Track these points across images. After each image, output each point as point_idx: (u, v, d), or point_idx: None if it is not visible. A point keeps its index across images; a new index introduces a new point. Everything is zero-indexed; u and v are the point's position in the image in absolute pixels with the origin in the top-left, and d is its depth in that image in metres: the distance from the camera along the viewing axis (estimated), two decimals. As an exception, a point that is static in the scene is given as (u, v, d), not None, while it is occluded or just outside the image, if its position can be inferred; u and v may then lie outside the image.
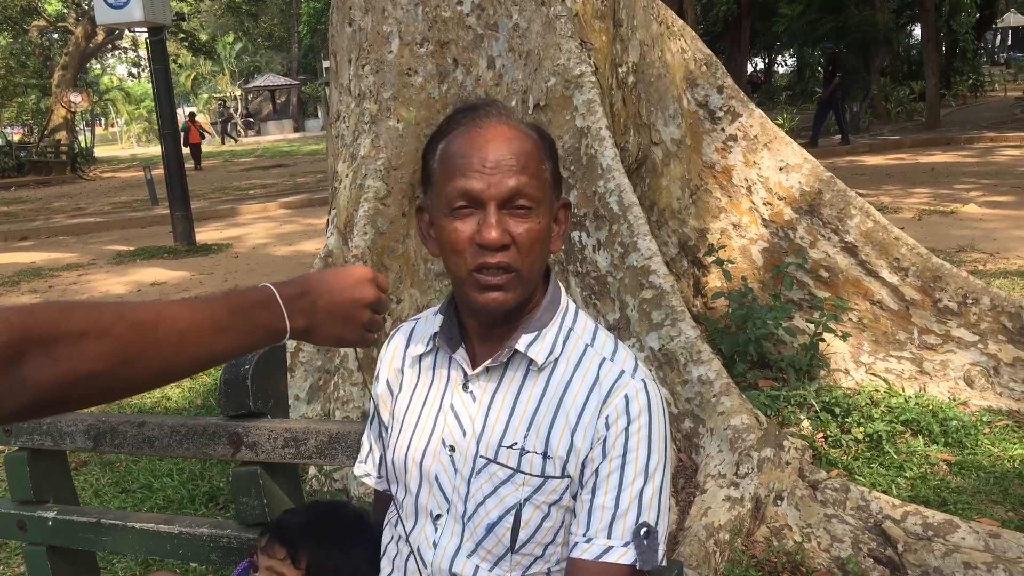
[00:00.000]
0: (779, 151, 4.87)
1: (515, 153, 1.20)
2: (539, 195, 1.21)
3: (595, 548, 1.22)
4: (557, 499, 1.25)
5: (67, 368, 0.92)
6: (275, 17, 44.16)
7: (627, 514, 1.23)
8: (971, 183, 12.04)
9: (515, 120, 1.25)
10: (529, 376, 1.28)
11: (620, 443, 1.24)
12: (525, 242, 1.20)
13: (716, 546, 2.91)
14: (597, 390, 1.26)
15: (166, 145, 11.26)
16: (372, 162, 4.16)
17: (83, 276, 10.06)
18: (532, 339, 1.28)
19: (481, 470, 1.27)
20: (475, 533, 1.27)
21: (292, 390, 4.16)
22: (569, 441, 1.24)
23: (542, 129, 1.29)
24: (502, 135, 1.21)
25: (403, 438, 1.36)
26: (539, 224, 1.22)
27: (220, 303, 1.09)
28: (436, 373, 1.36)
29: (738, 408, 3.41)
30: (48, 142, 27.49)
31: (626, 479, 1.23)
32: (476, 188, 1.18)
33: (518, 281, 1.22)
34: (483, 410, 1.29)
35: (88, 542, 2.06)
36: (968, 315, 4.43)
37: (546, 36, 4.08)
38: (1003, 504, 3.36)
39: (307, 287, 1.19)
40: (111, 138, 55.28)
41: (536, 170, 1.22)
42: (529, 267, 1.22)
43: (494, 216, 1.18)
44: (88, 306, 0.97)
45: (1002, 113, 21.47)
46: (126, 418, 1.97)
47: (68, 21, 29.99)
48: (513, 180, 1.18)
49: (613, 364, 1.28)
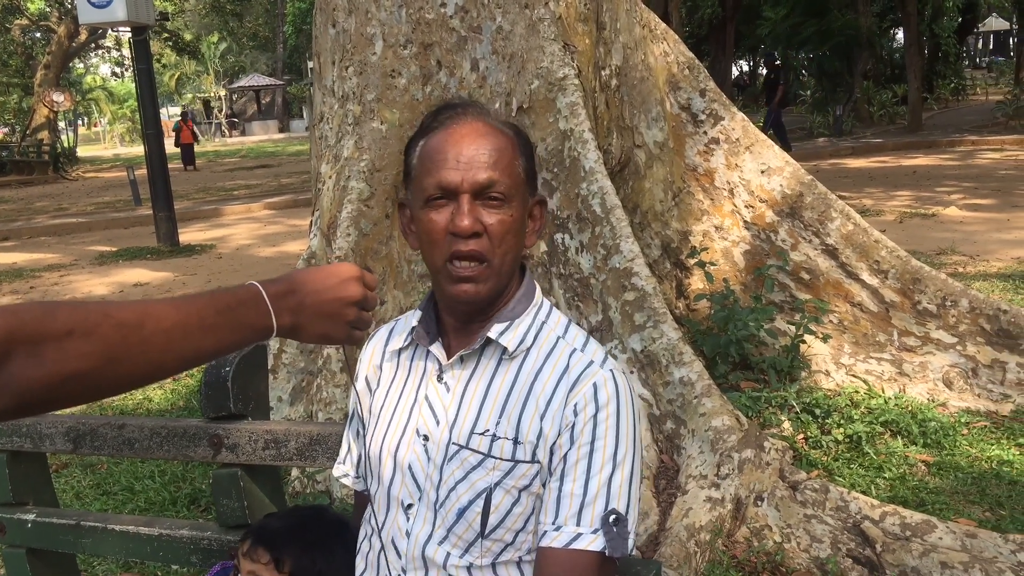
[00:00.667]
0: (761, 154, 4.90)
1: (488, 148, 1.26)
2: (511, 188, 1.27)
3: (564, 536, 1.24)
4: (527, 484, 1.27)
5: (53, 368, 0.92)
6: (260, 17, 43.97)
7: (596, 501, 1.24)
8: (952, 186, 12.14)
9: (491, 118, 1.31)
10: (502, 364, 1.32)
11: (588, 430, 1.26)
12: (497, 232, 1.25)
13: (697, 546, 2.93)
14: (566, 378, 1.28)
15: (149, 145, 11.21)
16: (355, 164, 4.16)
17: (65, 277, 10.00)
18: (504, 328, 1.31)
19: (453, 456, 1.29)
20: (446, 519, 1.29)
21: (275, 392, 4.16)
22: (539, 427, 1.27)
23: (518, 127, 1.34)
24: (477, 131, 1.27)
25: (379, 431, 1.39)
26: (511, 216, 1.26)
27: (206, 301, 1.09)
28: (413, 366, 1.40)
29: (719, 409, 3.43)
30: (30, 142, 27.27)
31: (594, 466, 1.25)
32: (451, 180, 1.24)
33: (490, 271, 1.26)
34: (456, 399, 1.32)
35: (68, 544, 2.06)
36: (947, 317, 4.47)
37: (529, 39, 4.09)
38: (980, 504, 3.39)
39: (293, 285, 1.19)
40: (94, 138, 54.84)
41: (508, 164, 1.27)
42: (501, 257, 1.27)
43: (467, 205, 1.24)
44: (74, 306, 0.97)
45: (983, 117, 21.65)
46: (106, 420, 1.97)
47: (51, 20, 29.77)
48: (485, 173, 1.24)
49: (583, 354, 1.31)
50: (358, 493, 1.54)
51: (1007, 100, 20.50)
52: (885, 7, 24.87)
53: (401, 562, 1.33)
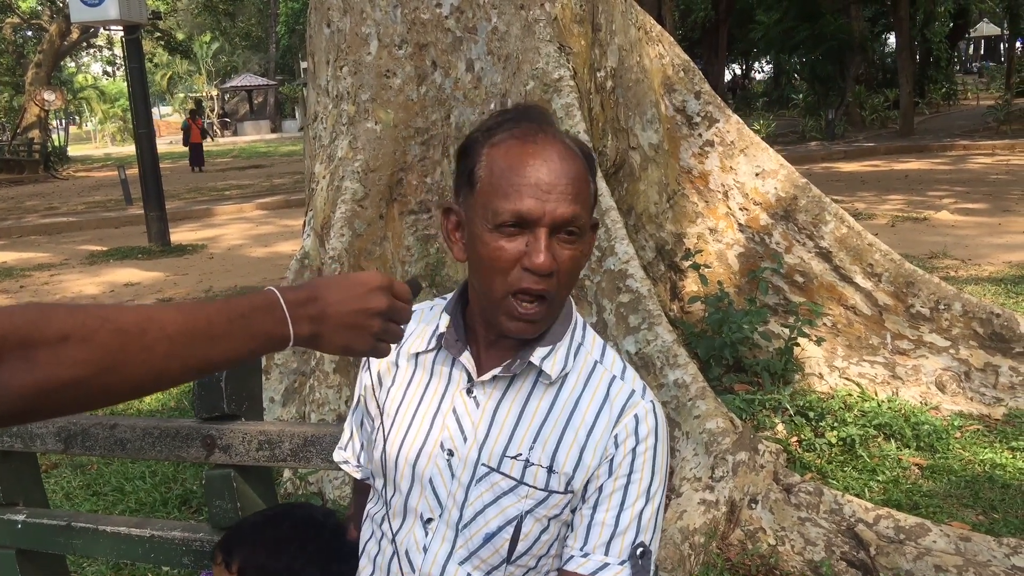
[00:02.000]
0: (755, 157, 4.90)
1: (570, 178, 1.16)
2: (587, 221, 1.20)
3: (591, 564, 1.23)
4: (558, 513, 1.25)
5: (47, 374, 0.87)
6: (253, 17, 43.92)
7: (626, 533, 1.23)
8: (944, 190, 12.19)
9: (562, 136, 1.21)
10: (537, 388, 1.27)
11: (627, 463, 1.24)
12: (567, 269, 1.18)
13: (691, 549, 2.92)
14: (608, 408, 1.25)
15: (141, 144, 11.16)
16: (350, 164, 4.15)
17: (55, 276, 9.94)
18: (547, 353, 1.26)
19: (482, 478, 1.25)
20: (470, 541, 1.26)
21: (267, 392, 4.14)
22: (578, 457, 1.24)
23: (586, 147, 1.26)
24: (556, 154, 1.17)
25: (395, 436, 1.33)
26: (582, 251, 1.20)
27: (218, 307, 1.02)
28: (436, 373, 1.33)
29: (713, 412, 3.42)
30: (21, 140, 27.14)
31: (628, 499, 1.24)
32: (531, 212, 1.14)
33: (550, 311, 1.21)
34: (487, 417, 1.27)
35: (58, 545, 2.03)
36: (940, 321, 4.48)
37: (525, 40, 4.08)
38: (974, 507, 3.40)
39: (315, 292, 1.11)
40: (85, 137, 54.70)
41: (587, 195, 1.19)
42: (564, 294, 1.22)
43: (544, 241, 1.15)
44: (71, 309, 0.91)
45: (975, 121, 21.77)
46: (98, 420, 1.95)
47: (42, 18, 29.66)
48: (568, 208, 1.15)
49: (624, 383, 1.28)
50: (357, 481, 1.51)
51: (998, 105, 20.64)
52: (877, 12, 25.01)
53: (414, 575, 1.29)
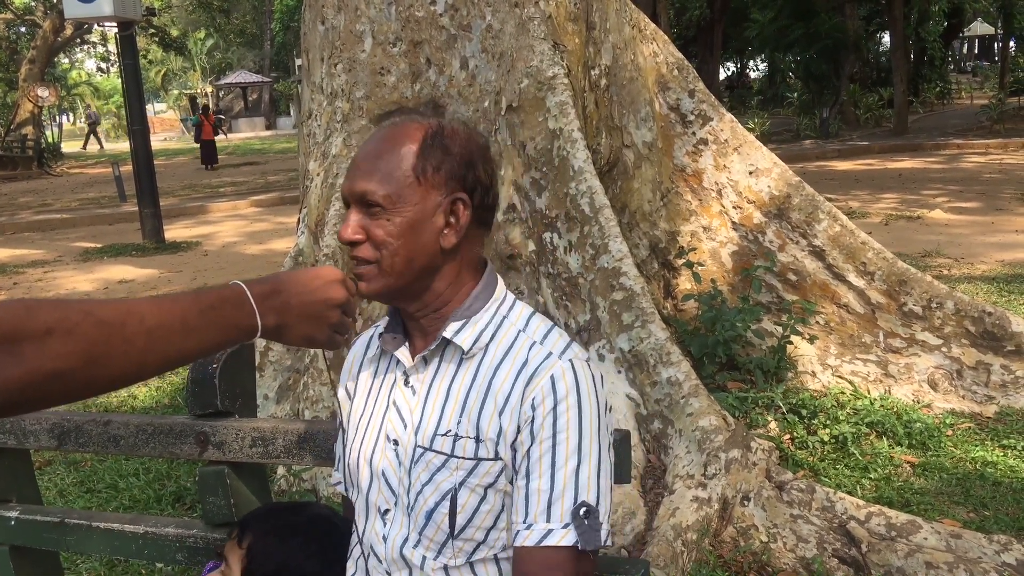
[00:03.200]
0: (749, 155, 4.92)
1: (376, 156, 1.28)
2: (392, 194, 1.26)
3: (535, 533, 1.22)
4: (492, 481, 1.26)
5: (32, 366, 0.90)
6: (247, 14, 43.80)
7: (564, 495, 1.22)
8: (938, 189, 12.23)
9: (411, 119, 1.30)
10: (462, 365, 1.31)
11: (548, 424, 1.24)
12: (377, 238, 1.26)
13: (684, 546, 2.93)
14: (524, 372, 1.27)
15: (135, 141, 11.14)
16: (343, 161, 4.15)
17: (49, 273, 9.92)
18: (459, 327, 1.30)
19: (418, 459, 1.29)
20: (417, 522, 1.29)
21: (261, 389, 4.14)
22: (498, 424, 1.26)
23: (443, 125, 1.31)
24: (380, 138, 1.29)
25: (356, 439, 1.39)
26: (391, 221, 1.26)
27: (190, 300, 1.08)
28: (385, 373, 1.40)
29: (706, 409, 3.43)
30: (14, 137, 27.03)
31: (558, 460, 1.23)
32: (343, 191, 1.31)
33: (379, 271, 1.27)
34: (421, 402, 1.32)
35: (52, 542, 2.04)
36: (933, 319, 4.50)
37: (519, 37, 4.09)
38: (965, 505, 3.41)
39: (279, 285, 1.19)
40: (79, 133, 54.50)
41: (393, 171, 1.26)
42: (389, 259, 1.26)
43: (351, 215, 1.28)
44: (54, 303, 0.95)
45: (968, 120, 21.81)
46: (91, 416, 1.95)
47: (36, 14, 29.56)
48: (362, 183, 1.26)
49: (542, 347, 1.29)
50: (346, 499, 1.54)
51: (992, 104, 20.67)
52: (872, 11, 25.05)
53: (383, 566, 1.33)
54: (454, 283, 1.32)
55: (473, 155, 1.31)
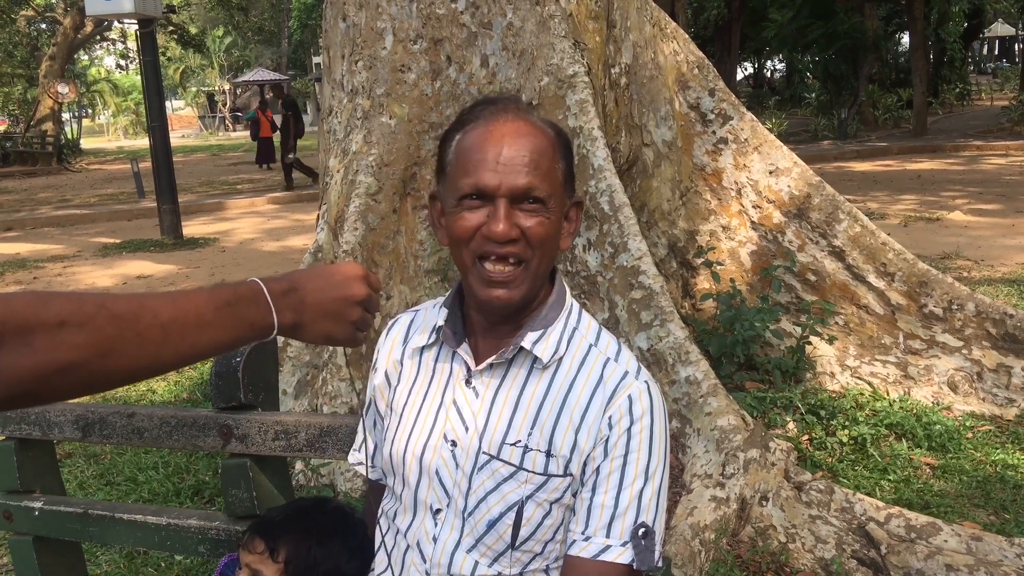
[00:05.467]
0: (769, 155, 4.89)
1: (529, 150, 1.21)
2: (550, 192, 1.22)
3: (593, 546, 1.23)
4: (559, 497, 1.26)
5: (44, 358, 0.90)
6: (265, 12, 43.91)
7: (626, 514, 1.24)
8: (957, 191, 12.13)
9: (532, 116, 1.26)
10: (533, 374, 1.29)
11: (622, 443, 1.25)
12: (536, 236, 1.21)
13: (702, 545, 2.92)
14: (601, 390, 1.26)
15: (154, 138, 11.20)
16: (364, 158, 4.16)
17: (68, 268, 10.00)
18: (538, 337, 1.28)
19: (483, 466, 1.27)
20: (476, 529, 1.27)
21: (280, 385, 4.15)
22: (573, 440, 1.25)
23: (558, 127, 1.30)
24: (517, 131, 1.22)
25: (402, 432, 1.36)
26: (549, 220, 1.23)
27: (205, 297, 1.07)
28: (438, 367, 1.36)
29: (725, 409, 3.42)
30: (34, 133, 27.25)
31: (626, 479, 1.24)
32: (488, 183, 1.19)
33: (526, 275, 1.23)
34: (486, 406, 1.29)
35: (75, 533, 2.05)
36: (953, 321, 4.46)
37: (540, 35, 4.09)
38: (985, 508, 3.39)
39: (296, 283, 1.17)
40: (98, 130, 54.86)
41: (549, 167, 1.23)
42: (538, 261, 1.23)
43: (503, 210, 1.19)
44: (68, 296, 0.95)
45: (989, 122, 21.63)
46: (115, 409, 1.97)
47: (56, 11, 29.76)
48: (525, 178, 1.19)
49: (617, 365, 1.29)
50: (372, 481, 1.53)
51: (1012, 105, 20.53)
52: (891, 11, 24.85)
53: (425, 566, 1.30)
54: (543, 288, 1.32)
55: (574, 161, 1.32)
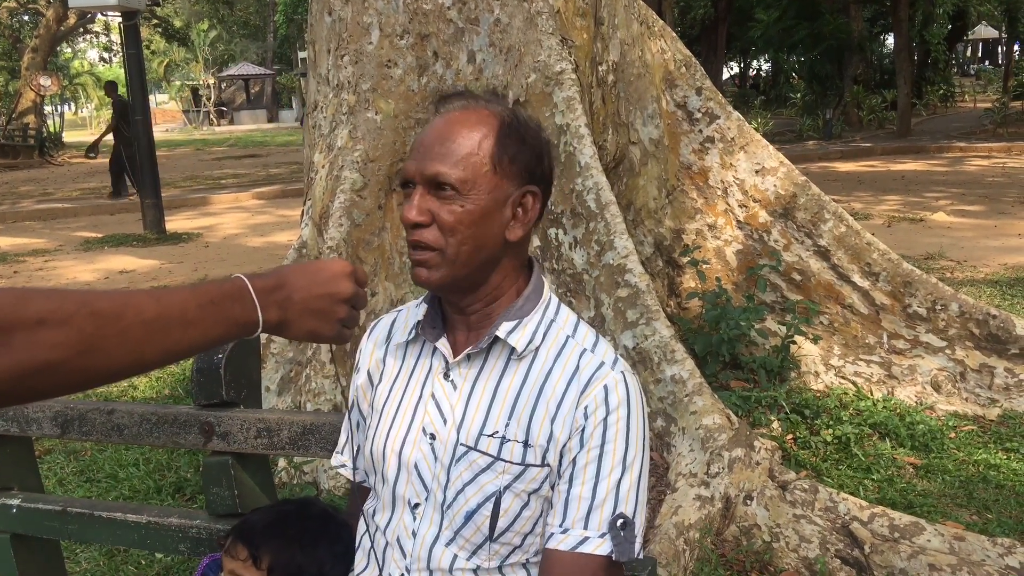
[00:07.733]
0: (755, 154, 4.90)
1: (451, 137, 1.23)
2: (464, 178, 1.22)
3: (571, 539, 1.23)
4: (537, 488, 1.25)
5: (22, 356, 0.88)
6: (251, 6, 43.72)
7: (604, 505, 1.23)
8: (940, 192, 12.21)
9: (486, 106, 1.27)
10: (510, 365, 1.29)
11: (598, 434, 1.24)
12: (445, 223, 1.23)
13: (686, 544, 2.92)
14: (577, 380, 1.26)
15: (137, 131, 11.11)
16: (349, 153, 4.13)
17: (50, 262, 9.90)
18: (513, 327, 1.28)
19: (461, 458, 1.26)
20: (454, 521, 1.26)
21: (263, 381, 4.12)
22: (549, 430, 1.25)
23: (518, 114, 1.29)
24: (452, 120, 1.25)
25: (382, 427, 1.35)
26: (464, 207, 1.23)
27: (190, 294, 1.05)
28: (418, 362, 1.36)
29: (710, 408, 3.42)
30: (16, 125, 26.98)
31: (603, 470, 1.24)
32: (407, 170, 1.26)
33: (442, 260, 1.24)
34: (464, 398, 1.29)
35: (53, 531, 2.02)
36: (937, 321, 4.49)
37: (527, 32, 4.07)
38: (968, 507, 3.40)
39: (282, 279, 1.16)
40: (80, 123, 54.36)
41: (470, 153, 1.23)
42: (455, 247, 1.23)
43: (416, 196, 1.24)
44: (49, 293, 0.92)
45: (972, 123, 21.78)
46: (95, 405, 1.94)
47: (39, 3, 29.49)
48: (435, 164, 1.22)
49: (593, 355, 1.29)
50: (354, 483, 1.52)
51: (995, 108, 20.66)
52: (876, 12, 25.02)
53: (406, 561, 1.30)
54: (508, 278, 1.31)
55: (543, 149, 1.31)
